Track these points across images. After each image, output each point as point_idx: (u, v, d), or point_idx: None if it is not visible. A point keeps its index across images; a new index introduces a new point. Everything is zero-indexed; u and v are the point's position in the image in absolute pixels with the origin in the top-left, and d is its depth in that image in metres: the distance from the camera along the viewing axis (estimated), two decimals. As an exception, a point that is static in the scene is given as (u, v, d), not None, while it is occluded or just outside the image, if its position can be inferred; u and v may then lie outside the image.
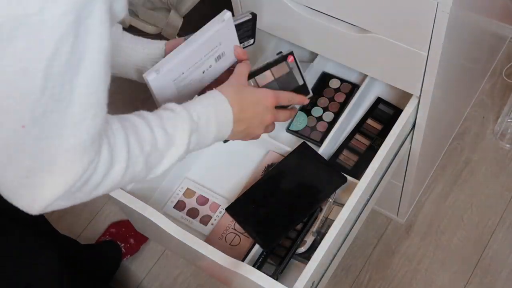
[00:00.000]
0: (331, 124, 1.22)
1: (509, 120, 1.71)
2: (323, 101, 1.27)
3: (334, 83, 1.28)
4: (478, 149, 1.73)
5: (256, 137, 1.00)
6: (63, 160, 0.69)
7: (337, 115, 1.23)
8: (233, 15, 1.03)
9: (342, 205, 1.05)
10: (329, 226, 1.03)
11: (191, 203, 1.17)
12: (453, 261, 1.59)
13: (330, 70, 1.30)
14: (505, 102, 1.76)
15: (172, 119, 0.85)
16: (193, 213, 1.16)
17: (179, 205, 1.17)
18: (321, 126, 1.23)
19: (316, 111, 1.25)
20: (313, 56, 1.30)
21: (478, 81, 1.76)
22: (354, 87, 1.26)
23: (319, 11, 1.11)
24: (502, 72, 1.82)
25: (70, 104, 0.67)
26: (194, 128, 0.86)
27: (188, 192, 1.19)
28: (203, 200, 1.18)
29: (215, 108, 0.90)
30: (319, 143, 1.19)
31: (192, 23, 1.92)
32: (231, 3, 1.24)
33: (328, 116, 1.24)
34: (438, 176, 1.70)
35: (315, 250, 1.01)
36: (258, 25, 1.26)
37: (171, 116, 0.85)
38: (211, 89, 0.94)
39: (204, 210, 1.16)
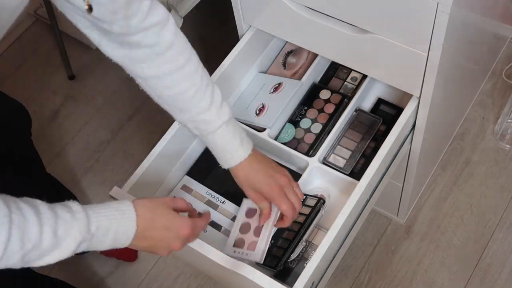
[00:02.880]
0: (319, 135, 1.21)
1: (509, 120, 1.71)
2: (312, 112, 1.25)
3: (324, 94, 1.27)
4: (478, 149, 1.73)
5: (159, 254, 0.94)
6: None
7: (325, 126, 1.22)
8: (232, 14, 1.03)
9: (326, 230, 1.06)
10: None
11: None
12: (453, 261, 1.59)
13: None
14: (505, 102, 1.76)
15: (68, 223, 0.79)
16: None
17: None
18: (309, 138, 1.22)
19: (305, 123, 1.24)
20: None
21: (478, 81, 1.76)
22: (344, 97, 1.25)
23: (319, 12, 1.11)
24: (502, 72, 1.82)
25: None
26: (88, 239, 0.81)
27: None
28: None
29: (118, 224, 0.85)
30: (306, 154, 1.19)
31: (192, 23, 1.92)
32: (231, 3, 1.24)
33: (316, 127, 1.23)
34: (438, 176, 1.70)
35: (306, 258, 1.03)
36: (258, 26, 1.26)
37: (68, 219, 0.79)
38: None
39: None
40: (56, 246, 0.78)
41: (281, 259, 1.07)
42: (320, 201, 1.12)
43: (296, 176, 1.16)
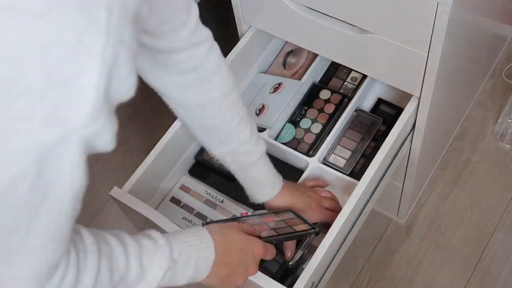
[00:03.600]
0: (319, 135, 1.21)
1: (509, 120, 1.71)
2: (312, 112, 1.26)
3: (324, 94, 1.27)
4: (478, 149, 1.73)
5: (237, 284, 0.92)
6: (10, 286, 0.62)
7: (325, 126, 1.23)
8: (233, 14, 1.03)
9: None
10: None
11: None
12: (453, 261, 1.59)
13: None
14: (505, 103, 1.76)
15: (152, 252, 0.78)
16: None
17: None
18: (309, 138, 1.22)
19: (305, 123, 1.24)
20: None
21: (478, 81, 1.76)
22: (344, 97, 1.25)
23: (319, 12, 1.11)
24: (502, 72, 1.82)
25: (28, 237, 0.58)
26: (172, 266, 0.80)
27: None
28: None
29: (198, 251, 0.84)
30: (306, 154, 1.19)
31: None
32: (231, 4, 1.24)
33: (316, 127, 1.23)
34: (438, 176, 1.70)
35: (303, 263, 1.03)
36: (258, 26, 1.26)
37: (152, 248, 0.78)
38: None
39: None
40: (142, 278, 0.76)
41: (283, 266, 1.07)
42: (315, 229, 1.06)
43: (296, 174, 1.16)
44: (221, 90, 0.90)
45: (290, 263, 1.08)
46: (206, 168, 1.22)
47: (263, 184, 1.02)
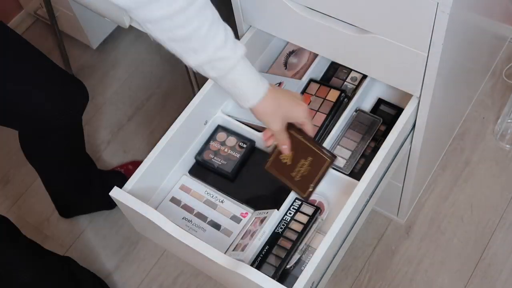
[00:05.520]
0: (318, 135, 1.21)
1: (509, 120, 1.71)
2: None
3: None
4: (478, 149, 1.73)
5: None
6: None
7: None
8: (233, 14, 1.04)
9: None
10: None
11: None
12: (453, 261, 1.59)
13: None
14: (505, 103, 1.76)
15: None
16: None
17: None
18: None
19: None
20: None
21: (478, 81, 1.76)
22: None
23: (319, 12, 1.11)
24: (502, 72, 1.82)
25: None
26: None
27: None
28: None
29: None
30: None
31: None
32: (231, 3, 1.24)
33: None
34: (438, 176, 1.70)
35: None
36: (258, 26, 1.26)
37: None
38: None
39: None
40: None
41: (278, 269, 1.07)
42: (318, 211, 1.12)
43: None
44: None
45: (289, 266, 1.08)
46: (206, 168, 1.22)
47: (245, 89, 1.00)
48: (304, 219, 1.11)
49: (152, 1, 0.89)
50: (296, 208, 1.13)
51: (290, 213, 1.13)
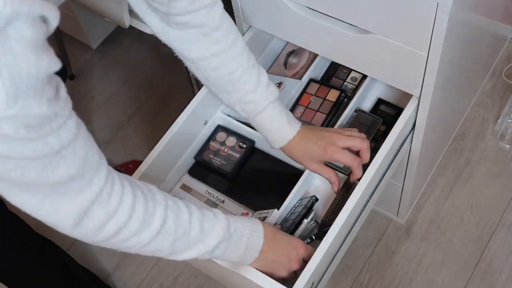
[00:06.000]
0: None
1: (509, 120, 1.71)
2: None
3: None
4: (478, 149, 1.73)
5: (280, 274, 1.01)
6: None
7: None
8: (233, 14, 1.04)
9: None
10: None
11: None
12: (453, 261, 1.59)
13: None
14: (505, 103, 1.76)
15: (212, 221, 0.89)
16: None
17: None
18: None
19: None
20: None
21: (478, 81, 1.76)
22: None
23: (319, 12, 1.11)
24: (502, 72, 1.82)
25: None
26: (227, 238, 0.90)
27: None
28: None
29: (251, 232, 0.95)
30: None
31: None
32: (231, 3, 1.24)
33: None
34: (438, 176, 1.70)
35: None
36: (258, 26, 1.26)
37: (212, 218, 0.89)
38: None
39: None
40: (200, 240, 0.87)
41: None
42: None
43: (296, 175, 1.16)
44: (223, 45, 0.98)
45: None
46: (206, 168, 1.22)
47: (274, 131, 1.05)
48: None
49: (192, 42, 0.97)
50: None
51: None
